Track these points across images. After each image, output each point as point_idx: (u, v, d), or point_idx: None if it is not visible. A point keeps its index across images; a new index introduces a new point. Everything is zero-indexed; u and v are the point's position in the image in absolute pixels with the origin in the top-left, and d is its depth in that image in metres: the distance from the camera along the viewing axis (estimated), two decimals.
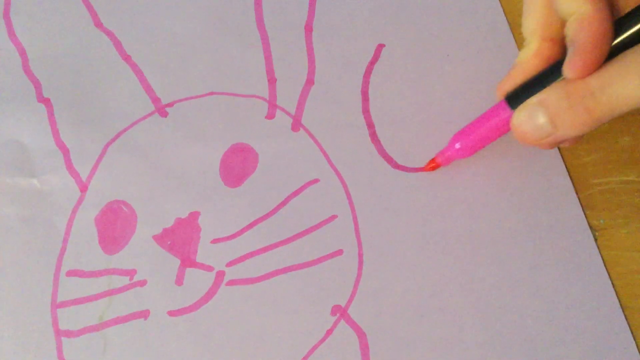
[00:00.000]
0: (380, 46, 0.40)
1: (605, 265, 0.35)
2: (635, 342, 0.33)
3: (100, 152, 0.37)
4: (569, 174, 0.37)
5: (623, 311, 0.34)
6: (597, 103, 0.28)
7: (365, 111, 0.38)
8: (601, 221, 0.36)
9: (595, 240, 0.35)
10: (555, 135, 0.30)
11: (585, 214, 0.36)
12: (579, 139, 0.35)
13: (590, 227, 0.36)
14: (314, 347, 0.34)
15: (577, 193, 0.36)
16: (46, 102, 0.38)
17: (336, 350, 0.34)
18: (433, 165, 0.36)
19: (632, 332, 0.34)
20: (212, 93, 0.39)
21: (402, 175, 0.37)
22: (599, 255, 0.35)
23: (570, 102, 0.29)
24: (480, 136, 0.34)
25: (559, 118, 0.29)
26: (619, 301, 0.34)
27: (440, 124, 0.38)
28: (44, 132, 0.38)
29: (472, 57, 0.39)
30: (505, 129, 0.33)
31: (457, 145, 0.35)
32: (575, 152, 0.37)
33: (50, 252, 0.35)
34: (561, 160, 0.37)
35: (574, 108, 0.29)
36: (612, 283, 0.34)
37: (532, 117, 0.30)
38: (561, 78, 0.29)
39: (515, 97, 0.32)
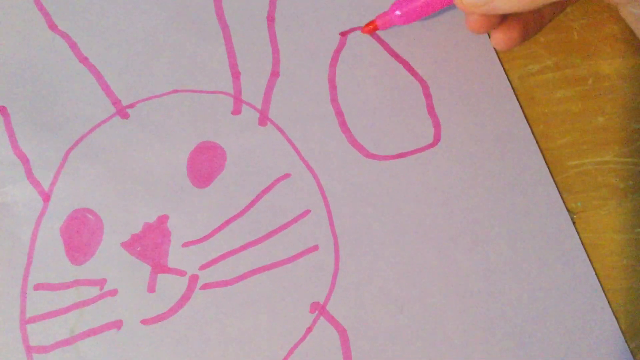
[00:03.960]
0: (346, 33, 0.39)
1: (584, 248, 0.35)
2: (618, 323, 0.33)
3: (61, 160, 0.36)
4: (545, 158, 0.36)
5: (605, 293, 0.34)
6: None
7: (334, 100, 0.37)
8: (578, 204, 0.35)
9: (574, 223, 0.35)
10: (489, 6, 0.32)
11: (562, 197, 0.35)
12: (536, 25, 0.36)
13: (568, 210, 0.35)
14: (294, 347, 0.33)
15: (553, 176, 0.36)
16: (2, 110, 0.37)
17: (317, 348, 0.33)
18: (372, 27, 0.38)
19: (614, 314, 0.33)
20: (175, 91, 0.38)
21: (375, 164, 0.36)
22: (578, 238, 0.35)
23: None
24: (420, 4, 0.36)
25: None
26: (600, 283, 0.34)
27: (410, 106, 0.37)
28: (2, 142, 0.36)
29: (439, 38, 0.38)
30: (446, 0, 0.35)
31: (397, 12, 0.36)
32: (550, 135, 0.37)
33: (16, 266, 0.34)
34: (535, 143, 0.36)
35: None
36: (592, 265, 0.34)
37: None
38: None
39: None
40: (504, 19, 0.35)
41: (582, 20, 0.39)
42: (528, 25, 0.36)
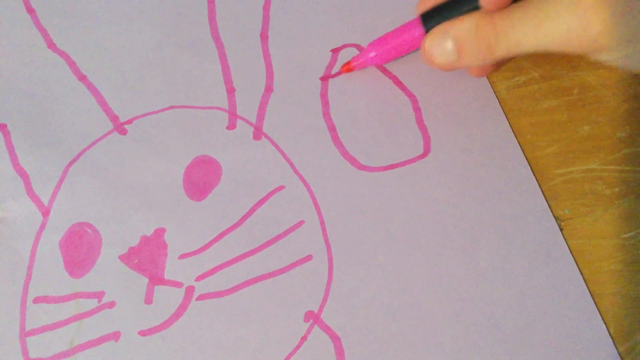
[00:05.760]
0: (337, 49, 0.40)
1: (572, 254, 0.35)
2: (607, 328, 0.34)
3: (60, 175, 0.37)
4: (532, 167, 0.37)
5: (593, 298, 0.34)
6: (498, 42, 0.32)
7: (326, 115, 0.38)
8: (565, 211, 0.36)
9: (561, 230, 0.35)
10: (459, 63, 0.34)
11: (549, 204, 0.36)
12: (483, 71, 0.38)
13: (555, 218, 0.36)
14: (289, 355, 0.33)
15: (540, 184, 0.36)
16: (2, 127, 0.38)
17: (311, 357, 0.33)
18: (348, 68, 0.39)
19: (602, 318, 0.34)
20: (171, 107, 0.38)
21: (367, 175, 0.37)
22: (566, 244, 0.35)
23: (477, 37, 0.33)
24: (392, 47, 0.37)
25: (465, 49, 0.33)
26: (588, 288, 0.34)
27: (400, 120, 0.38)
28: (1, 158, 0.37)
29: None
30: (415, 44, 0.36)
31: (372, 54, 0.38)
32: (536, 145, 0.37)
33: (16, 280, 0.35)
34: (522, 153, 0.37)
35: (479, 43, 0.33)
36: (580, 271, 0.35)
37: (441, 43, 0.34)
38: (474, 6, 0.33)
39: (430, 17, 0.35)
40: None
41: None
42: None
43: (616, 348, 0.33)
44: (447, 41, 0.34)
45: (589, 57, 0.33)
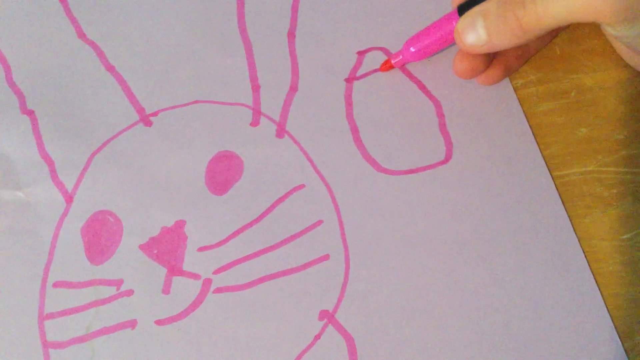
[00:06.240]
0: (363, 52, 0.40)
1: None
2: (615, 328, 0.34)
3: (85, 163, 0.37)
4: None
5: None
6: (526, 11, 0.31)
7: (349, 116, 0.38)
8: None
9: None
10: (490, 45, 0.34)
11: None
12: (494, 77, 0.38)
13: None
14: (302, 353, 0.34)
15: None
16: (30, 113, 0.38)
17: (324, 356, 0.34)
18: (388, 65, 0.39)
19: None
20: (196, 101, 0.39)
21: (386, 178, 0.37)
22: (584, 257, 0.35)
23: (503, 10, 0.32)
24: (431, 42, 0.37)
25: (493, 26, 0.33)
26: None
27: (423, 125, 0.38)
28: (29, 143, 0.38)
29: (451, 60, 0.39)
30: (453, 37, 0.36)
31: (412, 49, 0.38)
32: None
33: (37, 264, 0.35)
34: (544, 163, 0.37)
35: (506, 15, 0.32)
36: None
37: (473, 24, 0.34)
38: None
39: (466, 7, 0.35)
40: (489, 64, 0.37)
41: (564, 35, 0.40)
42: (510, 64, 0.38)
43: (625, 351, 0.33)
44: (477, 20, 0.33)
45: (614, 30, 0.32)
